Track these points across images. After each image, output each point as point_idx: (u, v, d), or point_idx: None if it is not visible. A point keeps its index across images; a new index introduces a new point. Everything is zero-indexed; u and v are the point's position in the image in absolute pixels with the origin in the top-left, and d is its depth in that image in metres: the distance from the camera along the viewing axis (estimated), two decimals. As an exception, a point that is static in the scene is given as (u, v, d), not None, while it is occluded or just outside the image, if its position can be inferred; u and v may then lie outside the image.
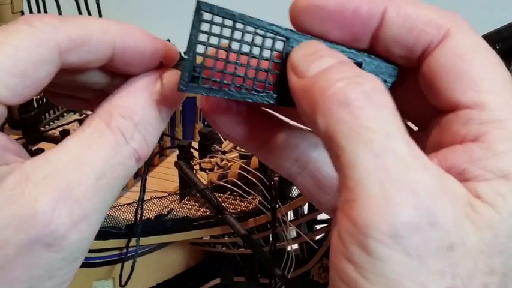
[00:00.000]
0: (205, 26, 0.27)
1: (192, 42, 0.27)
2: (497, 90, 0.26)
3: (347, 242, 0.24)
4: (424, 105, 0.29)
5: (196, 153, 0.80)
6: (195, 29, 0.27)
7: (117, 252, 0.72)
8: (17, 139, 0.76)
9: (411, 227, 0.23)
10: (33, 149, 0.69)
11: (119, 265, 0.73)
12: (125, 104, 0.28)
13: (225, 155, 0.78)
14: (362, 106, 0.25)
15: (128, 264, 0.72)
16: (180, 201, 0.75)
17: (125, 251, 0.72)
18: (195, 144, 0.80)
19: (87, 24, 0.27)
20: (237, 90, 0.28)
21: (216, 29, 0.27)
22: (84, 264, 0.70)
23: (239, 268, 0.79)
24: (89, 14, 0.97)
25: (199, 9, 0.27)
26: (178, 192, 0.77)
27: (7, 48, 0.25)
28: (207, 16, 0.27)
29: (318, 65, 0.28)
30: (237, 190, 0.73)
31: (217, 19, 0.27)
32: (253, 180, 0.72)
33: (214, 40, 0.27)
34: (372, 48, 0.30)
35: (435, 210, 0.24)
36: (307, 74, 0.28)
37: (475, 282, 0.24)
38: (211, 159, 0.78)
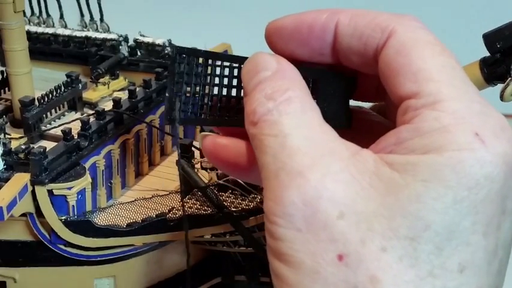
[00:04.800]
0: (182, 66, 0.31)
1: (172, 83, 0.31)
2: (435, 76, 0.27)
3: (266, 232, 0.28)
4: None
5: (197, 152, 0.80)
6: (173, 71, 0.30)
7: (118, 250, 0.73)
8: (18, 138, 0.76)
9: (299, 204, 0.26)
10: (35, 147, 0.69)
11: (120, 263, 0.73)
12: None
13: (226, 153, 0.78)
14: (265, 119, 0.28)
15: (129, 263, 0.72)
16: (181, 200, 0.75)
17: (126, 249, 0.72)
18: (196, 143, 0.80)
19: None
20: (211, 119, 0.32)
21: (190, 68, 0.31)
22: (85, 263, 0.70)
23: (240, 267, 0.80)
24: (90, 13, 0.97)
25: (175, 53, 0.30)
26: (179, 191, 0.77)
27: None
28: (182, 58, 0.31)
29: (254, 80, 0.30)
30: (238, 189, 0.73)
31: (191, 59, 0.31)
32: (254, 179, 0.72)
33: (190, 78, 0.31)
34: (336, 60, 0.31)
35: (322, 185, 0.26)
36: (248, 92, 0.30)
37: (369, 247, 0.25)
38: (213, 158, 0.78)
